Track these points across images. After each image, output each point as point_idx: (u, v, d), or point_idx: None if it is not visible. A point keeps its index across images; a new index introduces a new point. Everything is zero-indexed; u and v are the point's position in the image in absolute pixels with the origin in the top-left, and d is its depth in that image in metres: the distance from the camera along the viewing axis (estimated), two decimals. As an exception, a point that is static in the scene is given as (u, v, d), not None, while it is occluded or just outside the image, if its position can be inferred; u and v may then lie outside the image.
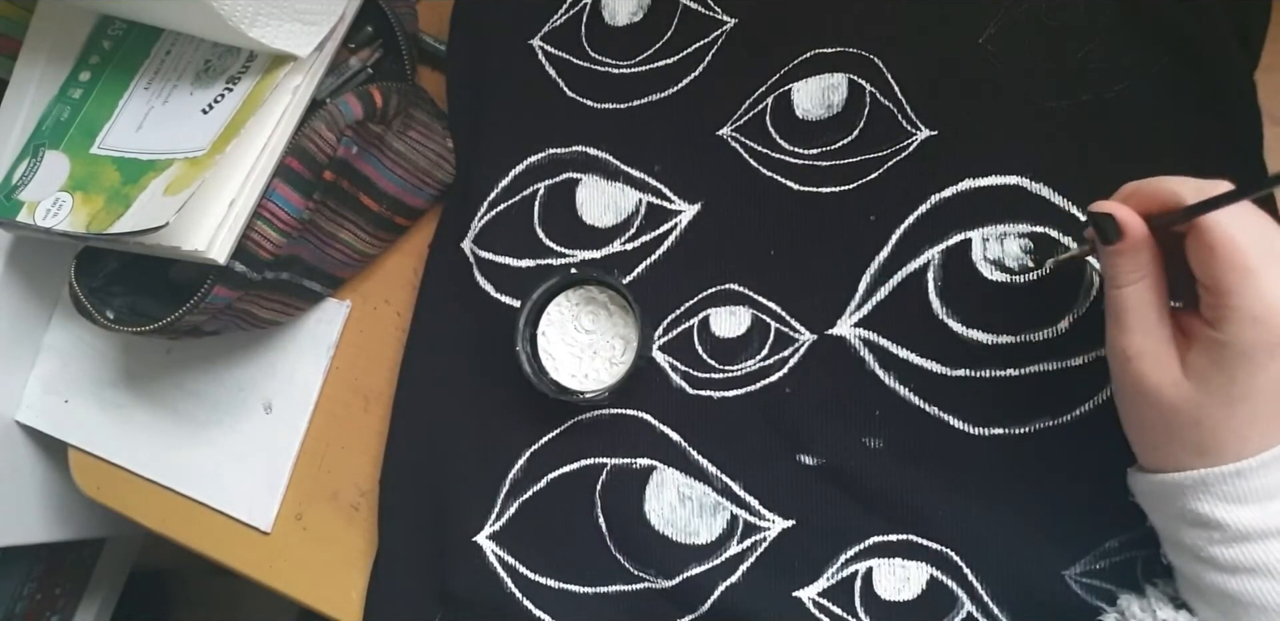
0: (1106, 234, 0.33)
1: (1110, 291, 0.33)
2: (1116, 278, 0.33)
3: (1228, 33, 0.39)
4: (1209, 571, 0.32)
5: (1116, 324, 0.33)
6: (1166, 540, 0.35)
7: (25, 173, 0.50)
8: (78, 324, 0.62)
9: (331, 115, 0.45)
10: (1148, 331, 0.32)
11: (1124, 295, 0.33)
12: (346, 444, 0.53)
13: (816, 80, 0.45)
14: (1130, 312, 0.32)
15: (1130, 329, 0.32)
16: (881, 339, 0.42)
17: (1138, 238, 0.32)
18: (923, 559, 0.40)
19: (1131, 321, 0.32)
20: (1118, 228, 0.32)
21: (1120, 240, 0.32)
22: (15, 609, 0.86)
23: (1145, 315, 0.32)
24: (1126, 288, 0.33)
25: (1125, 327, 0.33)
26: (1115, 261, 0.33)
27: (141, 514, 0.58)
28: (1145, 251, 0.32)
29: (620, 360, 0.46)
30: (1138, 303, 0.32)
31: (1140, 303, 0.32)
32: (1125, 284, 0.33)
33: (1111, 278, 0.33)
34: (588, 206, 0.48)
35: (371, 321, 0.54)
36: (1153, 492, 0.34)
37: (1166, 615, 0.34)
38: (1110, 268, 0.33)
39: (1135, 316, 0.32)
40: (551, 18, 0.50)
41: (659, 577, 0.43)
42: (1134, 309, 0.32)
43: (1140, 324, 0.32)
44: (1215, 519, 0.31)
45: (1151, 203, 0.33)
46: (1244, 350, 0.29)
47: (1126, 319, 0.33)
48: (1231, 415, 0.30)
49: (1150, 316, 0.32)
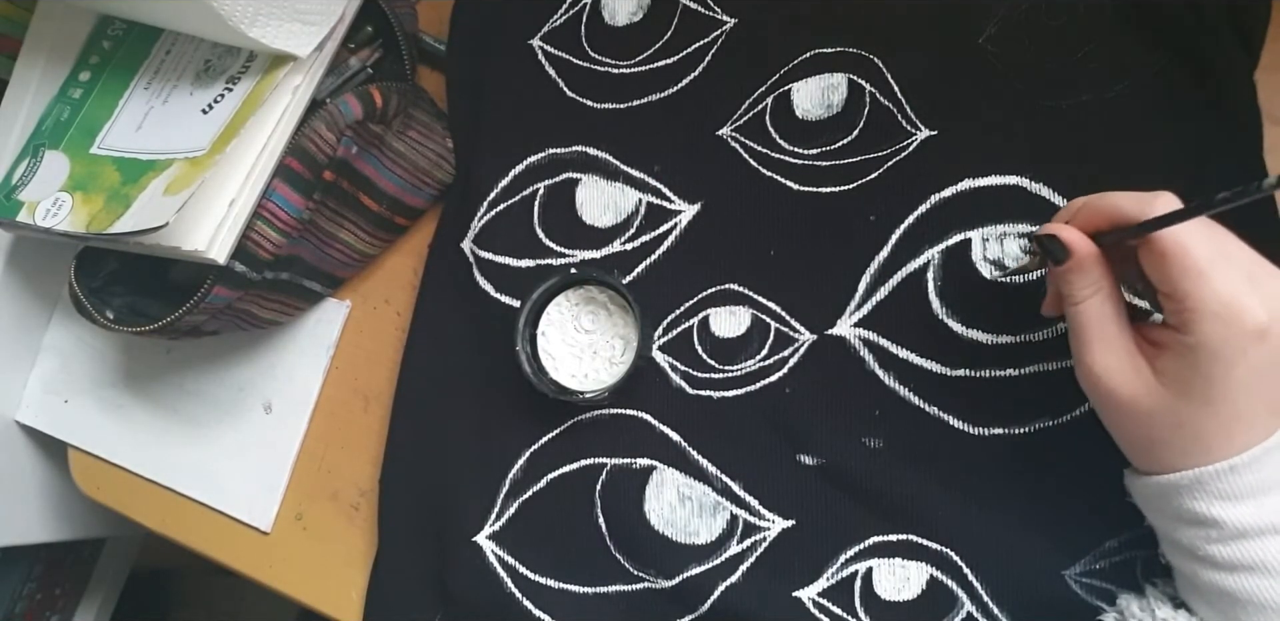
0: (1055, 255, 0.34)
1: (1068, 309, 0.34)
2: (1072, 295, 0.34)
3: (1228, 33, 0.39)
4: (1206, 569, 0.32)
5: (1079, 339, 0.34)
6: (1164, 540, 0.35)
7: (25, 173, 0.50)
8: (78, 324, 0.62)
9: (331, 115, 0.45)
10: (1108, 342, 0.33)
11: (1081, 310, 0.33)
12: (346, 444, 0.53)
13: (816, 80, 0.45)
14: (1090, 327, 0.33)
15: (1092, 342, 0.33)
16: (881, 339, 0.42)
17: (1084, 255, 0.33)
18: (923, 559, 0.40)
19: (1092, 335, 0.33)
20: (1064, 248, 0.33)
21: (1068, 259, 0.33)
22: (15, 609, 0.86)
23: (1105, 328, 0.33)
24: (1082, 303, 0.33)
25: (1087, 341, 0.33)
26: (1068, 279, 0.34)
27: (141, 514, 0.58)
28: (1095, 267, 0.33)
29: (620, 360, 0.46)
30: (1096, 316, 0.33)
31: (1099, 316, 0.33)
32: (1081, 300, 0.33)
33: (1067, 296, 0.34)
34: (588, 206, 0.48)
35: (371, 321, 0.54)
36: (1148, 494, 0.34)
37: (1165, 614, 0.34)
38: (1064, 286, 0.34)
39: (1095, 330, 0.33)
40: (551, 18, 0.50)
41: (659, 577, 0.43)
42: (1094, 323, 0.33)
43: (1101, 336, 0.33)
44: (1211, 517, 0.31)
45: (1099, 219, 0.33)
46: (1214, 349, 0.30)
47: (1087, 333, 0.33)
48: (1212, 414, 0.31)
49: (1110, 328, 0.33)
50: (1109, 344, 0.33)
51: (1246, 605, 0.31)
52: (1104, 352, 0.33)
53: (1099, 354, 0.33)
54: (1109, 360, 0.33)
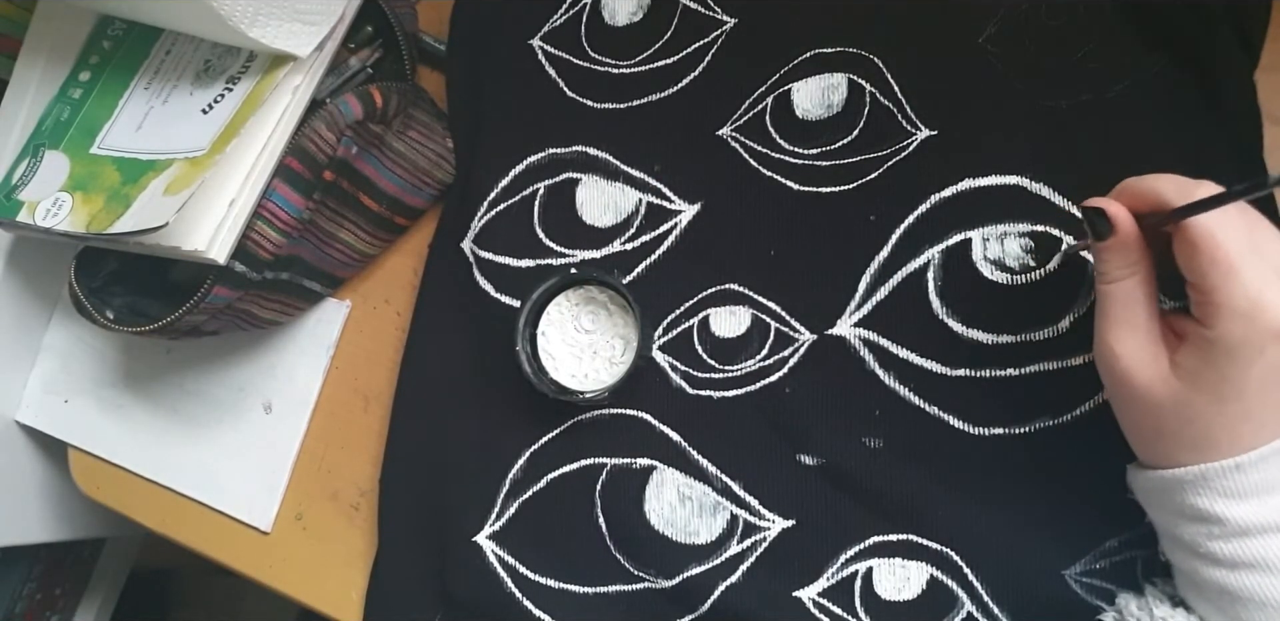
0: (1098, 229, 0.33)
1: (1100, 287, 0.33)
2: (1106, 273, 0.33)
3: (1228, 33, 0.39)
4: (1207, 567, 0.32)
5: (1105, 319, 0.33)
6: (1165, 536, 0.35)
7: (25, 173, 0.50)
8: (78, 324, 0.62)
9: (331, 115, 0.45)
10: (1135, 327, 0.32)
11: (1112, 291, 0.33)
12: (346, 444, 0.53)
13: (816, 80, 0.45)
14: (1119, 308, 0.33)
15: (1118, 324, 0.33)
16: (881, 339, 0.42)
17: (1127, 233, 0.32)
18: (923, 558, 0.40)
19: (1120, 317, 0.33)
20: (1109, 223, 0.33)
21: (1111, 236, 0.33)
22: (15, 609, 0.86)
23: (1134, 311, 0.32)
24: (1115, 283, 0.33)
25: (1113, 323, 0.33)
26: (1105, 257, 0.33)
27: (141, 514, 0.58)
28: (1135, 248, 0.32)
29: (620, 360, 0.46)
30: (1126, 298, 0.33)
31: (1129, 299, 0.33)
32: (1115, 279, 0.33)
33: (1102, 273, 0.33)
34: (588, 206, 0.48)
35: (371, 321, 0.54)
36: (1151, 489, 0.34)
37: (1164, 613, 0.34)
38: (1101, 263, 0.33)
39: (1124, 312, 0.33)
40: (551, 18, 0.50)
41: (659, 577, 0.43)
42: (1122, 305, 0.33)
43: (1128, 320, 0.32)
44: (1214, 514, 0.31)
45: (1141, 201, 0.33)
46: (1232, 346, 0.30)
47: (1115, 314, 0.33)
48: (1221, 412, 0.31)
49: (1139, 313, 0.32)
50: (1134, 327, 0.32)
51: (1247, 603, 0.31)
52: (1128, 336, 0.32)
53: (1123, 336, 0.32)
54: (1131, 344, 0.32)
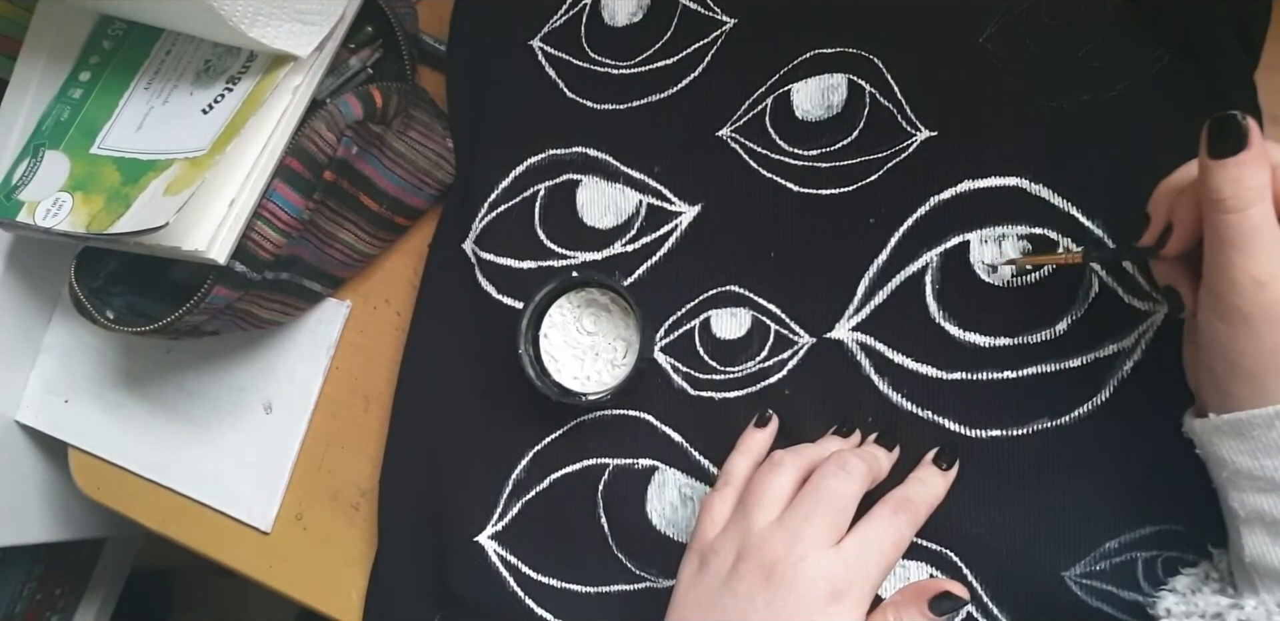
0: (1235, 138, 0.30)
1: (1226, 217, 0.31)
2: (1240, 197, 0.30)
3: (1228, 33, 0.39)
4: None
5: (1243, 249, 0.31)
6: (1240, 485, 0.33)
7: (25, 173, 0.50)
8: (78, 324, 0.62)
9: (331, 115, 0.45)
10: (1275, 254, 0.30)
11: (1246, 218, 0.30)
12: (346, 444, 0.53)
13: (816, 81, 0.45)
14: (1260, 234, 0.31)
15: (1260, 252, 0.30)
16: (878, 343, 0.42)
17: (1260, 145, 0.30)
18: (922, 559, 0.40)
19: (1261, 245, 0.30)
20: (1244, 133, 0.30)
21: (1245, 149, 0.30)
22: (15, 609, 0.86)
23: (1274, 237, 0.30)
24: (1251, 208, 0.30)
25: (1254, 253, 0.30)
26: (1239, 174, 0.30)
27: (141, 514, 0.58)
28: (1266, 167, 0.31)
29: (622, 362, 0.46)
30: (1264, 224, 0.31)
31: (1267, 224, 0.31)
32: (1248, 204, 0.30)
33: (1231, 198, 0.30)
34: (588, 208, 0.48)
35: (371, 321, 0.54)
36: (1240, 430, 0.32)
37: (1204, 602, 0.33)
38: (1229, 186, 0.30)
39: (1266, 237, 0.31)
40: (551, 18, 0.50)
41: (660, 577, 0.43)
42: (1263, 230, 0.31)
43: (1270, 246, 0.30)
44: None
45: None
46: None
47: (1256, 243, 0.30)
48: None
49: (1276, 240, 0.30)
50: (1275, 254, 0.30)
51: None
52: (1269, 262, 0.30)
53: (1268, 262, 0.30)
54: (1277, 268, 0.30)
